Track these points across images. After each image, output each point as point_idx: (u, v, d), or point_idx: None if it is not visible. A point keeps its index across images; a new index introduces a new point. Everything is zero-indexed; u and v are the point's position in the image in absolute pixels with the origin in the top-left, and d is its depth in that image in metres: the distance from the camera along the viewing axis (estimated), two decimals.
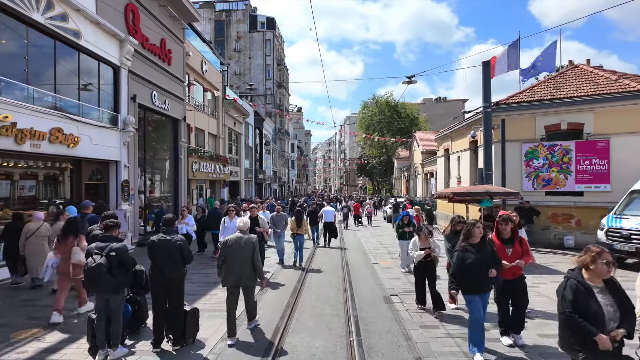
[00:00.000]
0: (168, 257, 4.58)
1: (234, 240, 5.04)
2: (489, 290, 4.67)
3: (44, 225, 7.49)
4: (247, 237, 5.11)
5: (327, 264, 10.45)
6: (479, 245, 4.51)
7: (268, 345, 4.85)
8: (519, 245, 4.92)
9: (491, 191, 9.70)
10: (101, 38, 11.03)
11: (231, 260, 4.97)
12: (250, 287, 5.15)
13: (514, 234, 4.98)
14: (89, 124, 10.54)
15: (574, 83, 13.81)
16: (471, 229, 4.57)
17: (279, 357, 4.55)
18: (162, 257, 4.57)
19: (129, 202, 12.41)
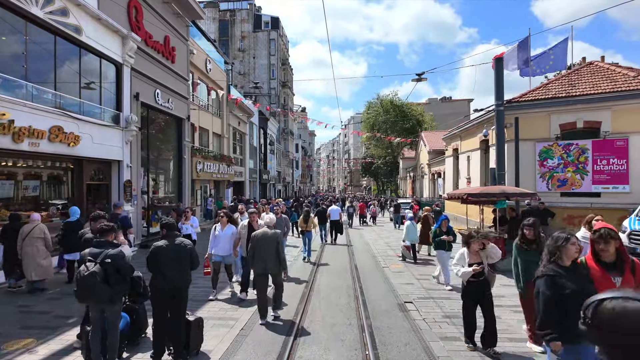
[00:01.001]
0: (177, 263, 4.26)
1: (262, 234, 5.85)
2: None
3: (38, 226, 7.19)
4: (273, 231, 5.93)
5: (335, 267, 10.08)
6: (572, 269, 3.08)
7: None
8: (631, 273, 3.16)
9: (507, 192, 9.30)
10: (103, 34, 10.73)
11: (259, 251, 5.76)
12: (276, 275, 5.92)
13: (623, 257, 3.20)
14: (91, 123, 10.24)
15: (589, 80, 13.35)
16: (563, 244, 3.08)
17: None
18: (169, 263, 4.22)
19: (132, 202, 12.10)
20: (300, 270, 9.43)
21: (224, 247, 7.01)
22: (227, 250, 7.04)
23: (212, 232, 7.16)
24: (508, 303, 6.70)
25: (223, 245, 7.02)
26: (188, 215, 9.48)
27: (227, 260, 7.23)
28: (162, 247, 4.25)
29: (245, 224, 7.10)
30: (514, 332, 5.44)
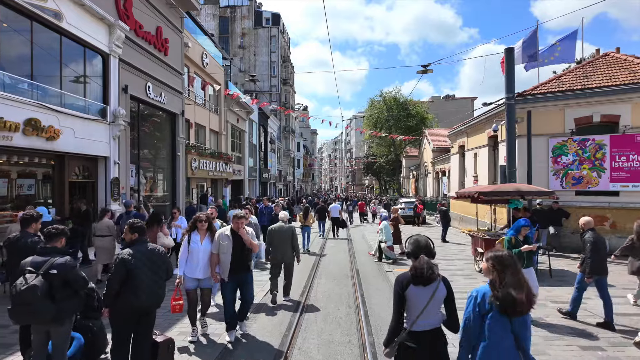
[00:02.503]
0: (153, 274, 3.52)
1: (278, 228, 6.74)
2: None
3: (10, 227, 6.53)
4: (288, 225, 6.84)
5: (335, 271, 9.38)
6: None
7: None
8: None
9: (522, 190, 8.55)
10: (87, 21, 10.03)
11: (276, 242, 6.68)
12: (290, 264, 6.75)
13: None
14: (73, 116, 9.54)
15: (606, 72, 12.56)
16: None
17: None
18: (143, 274, 3.45)
19: (120, 201, 11.41)
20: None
21: (204, 268, 4.87)
22: (205, 271, 4.93)
23: (184, 244, 4.91)
24: None
25: (203, 265, 4.86)
26: (176, 215, 8.77)
27: (204, 284, 4.99)
28: (134, 255, 3.46)
29: (226, 234, 4.89)
30: None
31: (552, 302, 6.58)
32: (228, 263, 4.78)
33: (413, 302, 2.64)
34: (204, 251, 4.88)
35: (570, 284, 7.80)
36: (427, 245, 2.93)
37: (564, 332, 5.34)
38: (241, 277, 4.94)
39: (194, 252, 4.83)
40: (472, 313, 2.53)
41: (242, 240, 4.82)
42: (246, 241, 4.84)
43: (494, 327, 2.41)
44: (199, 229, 4.92)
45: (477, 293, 2.56)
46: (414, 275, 2.65)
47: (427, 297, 2.64)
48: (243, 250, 4.87)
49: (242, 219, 4.91)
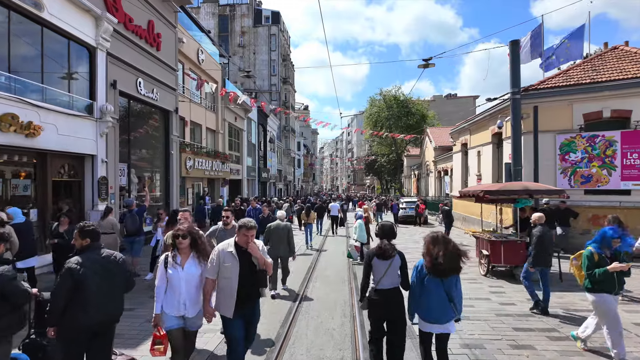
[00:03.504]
0: (108, 286, 3.02)
1: (276, 225, 7.21)
2: None
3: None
4: (285, 223, 7.30)
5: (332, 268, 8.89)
6: None
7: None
8: None
9: (531, 189, 8.03)
10: (71, 13, 9.55)
11: (273, 239, 7.10)
12: (285, 258, 7.25)
13: None
14: (55, 112, 9.06)
15: (615, 65, 12.01)
16: None
17: None
18: (97, 286, 2.95)
19: (108, 201, 10.94)
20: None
21: (189, 301, 3.43)
22: (194, 305, 3.47)
23: (161, 267, 3.47)
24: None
25: (187, 298, 3.43)
26: (162, 216, 8.28)
27: (192, 325, 3.54)
28: (84, 264, 2.94)
29: (229, 251, 3.50)
30: None
31: (565, 311, 6.04)
32: (233, 292, 3.38)
33: (376, 270, 3.74)
34: (188, 278, 3.40)
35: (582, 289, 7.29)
36: (390, 230, 3.90)
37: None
38: (249, 310, 3.57)
39: (173, 280, 3.37)
40: (415, 278, 3.65)
41: (251, 259, 3.49)
42: (259, 260, 3.49)
43: (429, 285, 3.50)
44: (179, 247, 3.46)
45: (418, 264, 3.66)
46: (378, 252, 3.76)
47: (386, 266, 3.70)
48: (254, 273, 3.50)
49: (252, 230, 3.50)
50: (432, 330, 3.50)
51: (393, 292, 3.69)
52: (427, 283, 3.49)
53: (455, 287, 3.50)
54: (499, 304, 6.44)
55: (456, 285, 3.53)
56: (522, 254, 8.08)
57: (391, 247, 3.73)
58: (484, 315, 5.81)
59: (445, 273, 3.42)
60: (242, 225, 3.51)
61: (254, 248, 3.49)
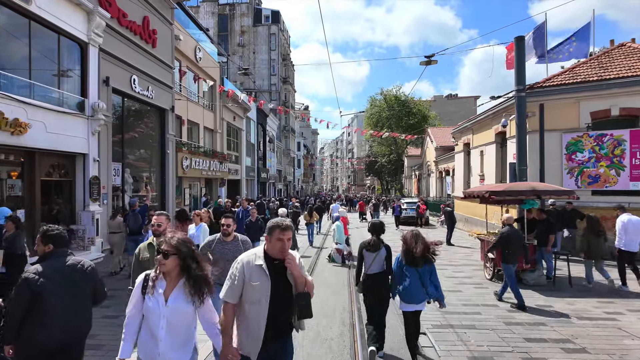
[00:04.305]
0: (72, 299, 2.63)
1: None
2: None
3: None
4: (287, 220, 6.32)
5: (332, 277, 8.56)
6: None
7: None
8: None
9: (538, 189, 7.68)
10: (61, 6, 9.22)
11: None
12: None
13: None
14: (44, 109, 8.73)
15: (624, 62, 11.66)
16: None
17: None
18: (58, 299, 2.56)
19: (100, 202, 10.60)
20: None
21: (174, 346, 2.38)
22: (183, 353, 2.42)
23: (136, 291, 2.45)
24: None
25: (168, 346, 2.34)
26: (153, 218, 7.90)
27: None
28: (44, 273, 2.55)
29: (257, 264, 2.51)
30: None
31: (578, 319, 5.69)
32: (262, 323, 2.43)
33: (367, 259, 4.50)
34: (172, 318, 2.33)
35: (594, 294, 6.95)
36: (380, 227, 4.62)
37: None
38: (279, 346, 2.56)
39: (150, 317, 2.35)
40: (396, 267, 4.41)
41: (286, 276, 2.52)
42: (296, 279, 2.49)
43: (407, 272, 4.23)
44: (159, 264, 2.39)
45: (399, 256, 4.41)
46: (367, 246, 4.54)
47: (374, 257, 4.46)
48: (289, 295, 2.51)
49: (288, 232, 2.53)
50: (410, 309, 4.28)
51: (379, 276, 4.45)
52: (405, 271, 4.26)
53: (430, 276, 4.25)
54: (507, 310, 6.09)
55: (431, 275, 4.27)
56: (529, 258, 7.73)
57: (379, 241, 4.51)
58: (492, 324, 5.46)
59: (418, 262, 4.17)
60: (275, 226, 2.51)
61: (292, 261, 2.47)
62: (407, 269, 4.22)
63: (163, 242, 2.39)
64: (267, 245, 2.56)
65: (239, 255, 3.86)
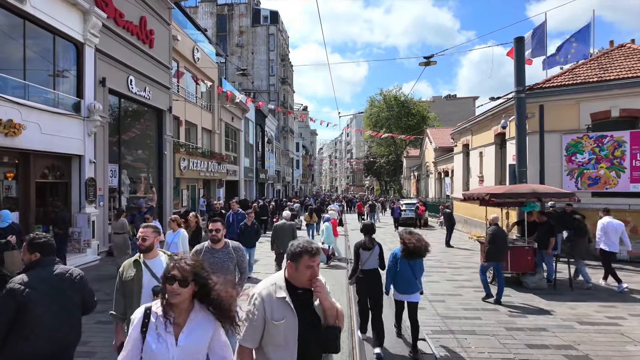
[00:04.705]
0: (60, 309, 2.52)
1: (282, 224, 8.22)
2: None
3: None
4: (289, 222, 8.32)
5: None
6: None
7: None
8: None
9: (539, 191, 7.60)
10: (57, 6, 9.12)
11: (280, 236, 8.01)
12: None
13: None
14: (39, 110, 8.63)
15: (624, 63, 11.62)
16: None
17: None
18: (46, 310, 2.46)
19: (96, 204, 10.50)
20: None
21: None
22: None
23: (134, 332, 1.96)
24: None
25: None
26: (149, 221, 7.78)
27: None
28: (30, 283, 2.43)
29: (280, 297, 2.07)
30: None
31: (580, 324, 5.60)
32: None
33: (361, 256, 4.90)
34: (185, 358, 1.93)
35: (596, 298, 6.87)
36: (371, 227, 5.21)
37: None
38: None
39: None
40: (391, 261, 4.82)
41: (312, 307, 2.10)
42: (326, 310, 2.08)
43: (401, 267, 4.69)
44: (170, 301, 1.95)
45: (395, 251, 4.86)
46: (362, 245, 5.00)
47: (369, 254, 4.92)
48: (318, 331, 2.09)
49: (318, 257, 2.11)
50: (404, 299, 4.81)
51: (373, 272, 4.89)
52: (399, 265, 4.71)
53: (420, 267, 4.76)
54: (508, 315, 6.00)
55: (421, 269, 4.79)
56: (529, 261, 7.66)
57: (372, 241, 5.04)
58: (493, 329, 5.37)
59: (412, 256, 4.60)
60: (303, 251, 2.05)
61: (322, 290, 2.07)
62: (401, 262, 4.69)
63: (173, 267, 1.94)
64: (291, 272, 2.11)
65: (230, 264, 3.55)
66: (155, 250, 3.13)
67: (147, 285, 2.92)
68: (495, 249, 6.71)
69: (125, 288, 2.95)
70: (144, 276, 2.97)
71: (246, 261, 3.93)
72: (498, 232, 6.86)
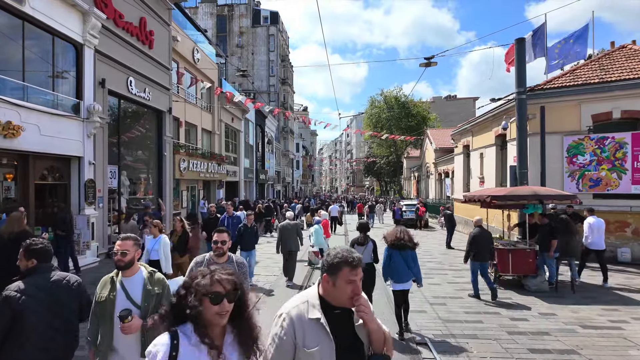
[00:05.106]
0: (52, 317, 2.46)
1: (286, 224, 8.47)
2: None
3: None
4: (293, 222, 8.64)
5: None
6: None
7: None
8: None
9: (540, 194, 7.57)
10: (56, 7, 9.08)
11: (285, 235, 8.29)
12: (294, 252, 8.38)
13: None
14: (38, 111, 8.58)
15: (625, 64, 11.58)
16: None
17: None
18: (43, 318, 2.41)
19: (95, 205, 10.45)
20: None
21: None
22: None
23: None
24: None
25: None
26: (149, 222, 7.73)
27: None
28: (26, 290, 2.37)
29: (314, 318, 1.72)
30: None
31: (582, 328, 5.56)
32: None
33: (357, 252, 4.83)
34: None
35: (598, 301, 6.83)
36: (366, 226, 5.97)
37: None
38: None
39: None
40: (386, 255, 5.35)
41: (353, 329, 1.78)
42: (373, 332, 1.77)
43: (395, 258, 5.25)
44: (223, 317, 1.60)
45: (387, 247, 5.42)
46: (356, 241, 5.69)
47: (362, 250, 5.51)
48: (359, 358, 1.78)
49: (359, 270, 1.76)
50: (399, 288, 5.27)
51: (367, 266, 5.19)
52: (393, 257, 5.27)
53: (412, 261, 5.27)
54: (510, 319, 5.96)
55: (413, 260, 5.29)
56: (531, 263, 7.62)
57: (366, 237, 5.66)
58: (495, 333, 5.33)
59: (404, 247, 5.22)
60: (342, 262, 1.73)
61: (367, 309, 1.73)
62: (395, 254, 5.25)
63: (212, 282, 1.57)
64: (327, 288, 1.76)
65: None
66: (136, 265, 2.73)
67: (120, 307, 2.53)
68: (479, 251, 7.06)
69: (102, 310, 2.58)
70: (117, 297, 2.58)
71: (248, 281, 3.66)
72: (481, 234, 7.23)
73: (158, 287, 2.68)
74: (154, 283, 2.67)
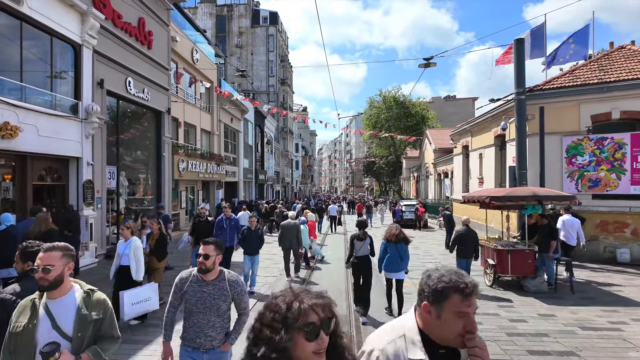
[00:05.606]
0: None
1: (287, 224, 8.87)
2: None
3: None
4: (294, 222, 8.96)
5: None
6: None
7: None
8: None
9: (540, 194, 7.55)
10: (54, 8, 9.05)
11: (286, 234, 8.72)
12: (296, 249, 8.88)
13: None
14: (36, 112, 8.55)
15: (624, 65, 11.58)
16: None
17: None
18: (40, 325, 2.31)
19: (94, 206, 10.42)
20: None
21: None
22: None
23: None
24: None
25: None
26: (147, 224, 7.72)
27: None
28: (22, 294, 2.30)
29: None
30: None
31: (582, 329, 5.55)
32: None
33: (355, 246, 6.24)
34: None
35: (597, 302, 6.81)
36: (364, 223, 6.77)
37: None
38: None
39: None
40: (382, 248, 6.24)
41: None
42: None
43: (390, 250, 6.11)
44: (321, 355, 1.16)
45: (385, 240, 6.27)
46: (356, 237, 6.40)
47: (361, 244, 6.31)
48: None
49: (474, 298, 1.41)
50: (392, 277, 6.17)
51: (365, 258, 6.28)
52: (389, 249, 6.10)
53: (404, 250, 6.12)
54: (509, 320, 5.94)
55: (406, 252, 6.14)
56: (530, 264, 7.61)
57: (365, 233, 6.41)
58: (494, 335, 5.31)
59: (398, 240, 6.08)
60: (450, 287, 1.38)
61: (484, 352, 1.40)
62: (389, 246, 6.09)
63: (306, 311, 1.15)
64: (429, 321, 1.41)
65: (222, 303, 2.51)
66: (67, 283, 2.15)
67: (43, 340, 1.99)
68: (464, 248, 7.48)
69: (12, 345, 2.03)
70: (39, 327, 2.02)
71: (247, 298, 2.93)
72: (467, 232, 7.62)
73: (97, 312, 2.11)
74: (91, 306, 2.11)
